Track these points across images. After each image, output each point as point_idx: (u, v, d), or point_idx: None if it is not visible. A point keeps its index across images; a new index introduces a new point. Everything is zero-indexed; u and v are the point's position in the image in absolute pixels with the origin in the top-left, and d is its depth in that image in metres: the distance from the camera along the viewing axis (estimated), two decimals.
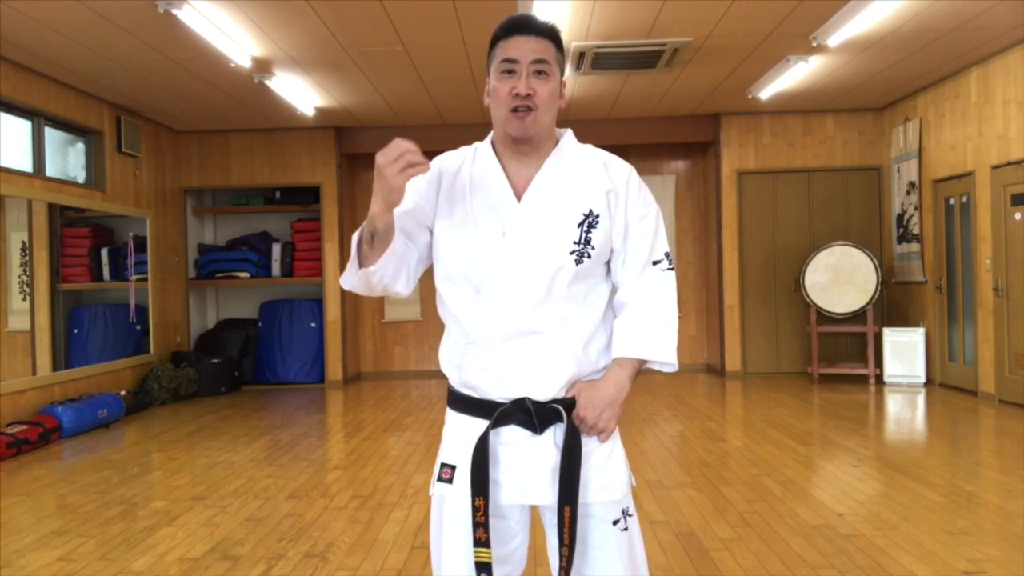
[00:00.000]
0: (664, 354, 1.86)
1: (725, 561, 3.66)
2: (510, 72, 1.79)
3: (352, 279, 1.84)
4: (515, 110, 1.78)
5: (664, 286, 1.88)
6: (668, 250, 1.91)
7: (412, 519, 4.40)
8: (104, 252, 8.83)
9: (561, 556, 1.77)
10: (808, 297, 9.19)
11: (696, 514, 4.38)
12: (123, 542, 4.12)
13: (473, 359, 1.82)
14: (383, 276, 1.80)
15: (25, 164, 7.29)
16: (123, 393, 8.22)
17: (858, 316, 9.20)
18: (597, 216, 1.81)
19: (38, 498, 5.11)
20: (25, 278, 7.50)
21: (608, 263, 1.88)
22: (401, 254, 1.82)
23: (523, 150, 1.84)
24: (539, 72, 1.79)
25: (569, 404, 1.81)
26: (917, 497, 4.58)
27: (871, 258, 9.01)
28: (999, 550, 3.71)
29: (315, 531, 4.24)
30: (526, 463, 1.81)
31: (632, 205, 1.86)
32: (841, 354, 9.87)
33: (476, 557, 1.76)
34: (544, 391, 1.80)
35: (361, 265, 1.80)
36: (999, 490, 4.69)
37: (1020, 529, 3.99)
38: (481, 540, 1.75)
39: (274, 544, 4.04)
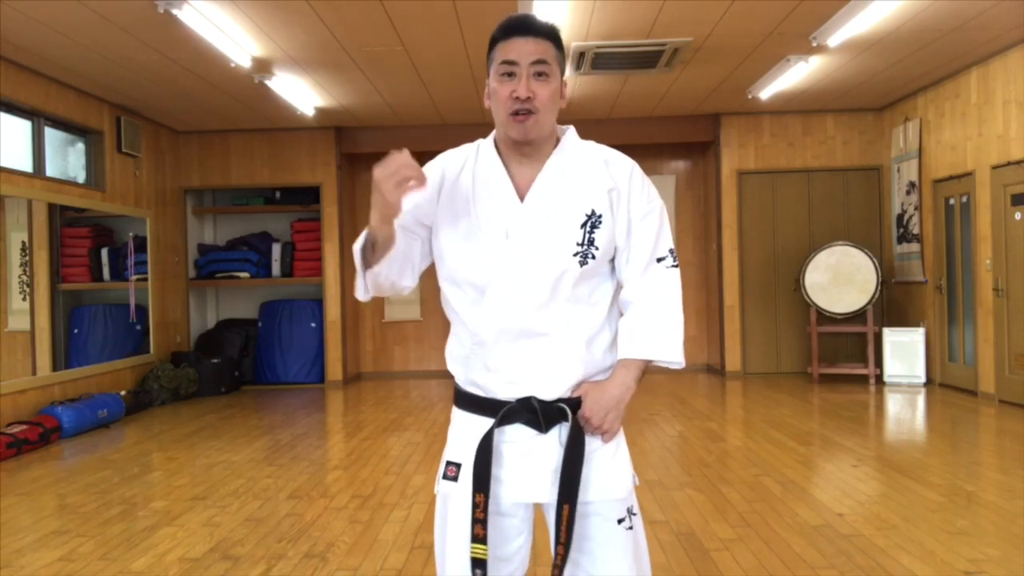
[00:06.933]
0: (670, 353, 1.86)
1: (725, 561, 3.66)
2: (510, 75, 1.78)
3: (363, 288, 1.84)
4: (515, 114, 1.77)
5: (668, 283, 1.87)
6: (672, 247, 1.89)
7: (412, 519, 4.40)
8: (104, 252, 8.83)
9: (556, 554, 1.77)
10: (808, 297, 9.18)
11: (696, 514, 4.38)
12: (123, 542, 4.12)
13: (479, 359, 1.82)
14: (388, 275, 1.81)
15: (25, 164, 7.28)
16: (123, 393, 8.22)
17: (858, 316, 9.19)
18: (600, 216, 1.80)
19: (38, 498, 5.11)
20: (25, 278, 7.50)
21: (612, 260, 1.87)
22: (404, 253, 1.82)
23: (525, 151, 1.83)
24: (539, 74, 1.77)
25: (575, 403, 1.81)
26: (917, 497, 4.58)
27: (871, 258, 9.00)
28: (999, 550, 3.71)
29: (315, 531, 4.24)
30: (530, 461, 1.81)
31: (635, 202, 1.84)
32: (841, 354, 9.87)
33: (472, 553, 1.76)
34: (550, 391, 1.80)
35: (366, 267, 1.80)
36: (999, 490, 4.69)
37: (1020, 529, 3.99)
38: (479, 536, 1.75)
39: (274, 544, 4.05)
